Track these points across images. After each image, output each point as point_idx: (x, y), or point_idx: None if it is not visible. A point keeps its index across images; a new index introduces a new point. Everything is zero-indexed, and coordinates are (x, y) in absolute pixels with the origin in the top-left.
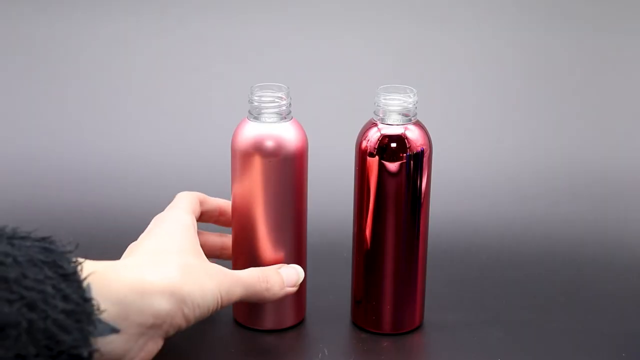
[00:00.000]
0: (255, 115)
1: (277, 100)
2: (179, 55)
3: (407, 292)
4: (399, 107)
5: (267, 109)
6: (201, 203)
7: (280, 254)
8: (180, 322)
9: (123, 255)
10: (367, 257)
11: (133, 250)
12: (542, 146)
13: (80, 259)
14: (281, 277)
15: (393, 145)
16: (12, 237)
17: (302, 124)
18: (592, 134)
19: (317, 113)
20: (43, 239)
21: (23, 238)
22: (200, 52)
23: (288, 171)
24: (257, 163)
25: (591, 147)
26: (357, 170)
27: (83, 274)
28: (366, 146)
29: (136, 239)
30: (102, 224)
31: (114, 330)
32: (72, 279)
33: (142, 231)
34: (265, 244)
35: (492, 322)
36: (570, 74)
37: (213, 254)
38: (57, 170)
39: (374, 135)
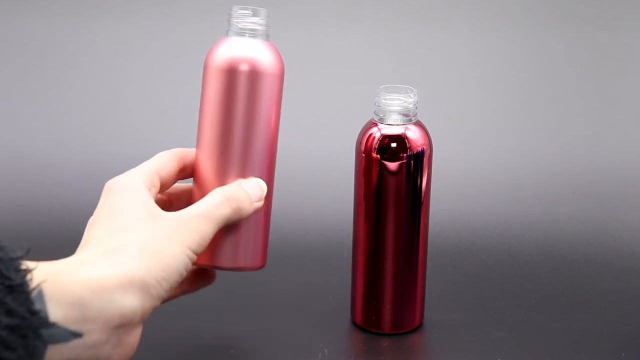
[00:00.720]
0: (235, 31)
1: (257, 23)
2: (179, 54)
3: (407, 292)
4: (400, 107)
5: (247, 28)
6: (181, 158)
7: (243, 172)
8: (152, 304)
9: (82, 241)
10: (367, 257)
11: (88, 240)
12: (542, 146)
13: (30, 265)
14: (247, 192)
15: (393, 145)
16: None
17: (302, 123)
18: (592, 134)
19: (317, 113)
20: None
21: None
22: (199, 51)
23: (262, 90)
24: (231, 79)
25: (591, 147)
26: (357, 170)
27: (33, 283)
28: (366, 146)
29: None
30: None
31: (76, 335)
32: (19, 290)
33: None
34: (233, 163)
35: (492, 322)
36: (570, 74)
37: (172, 182)
38: (57, 170)
39: (374, 135)
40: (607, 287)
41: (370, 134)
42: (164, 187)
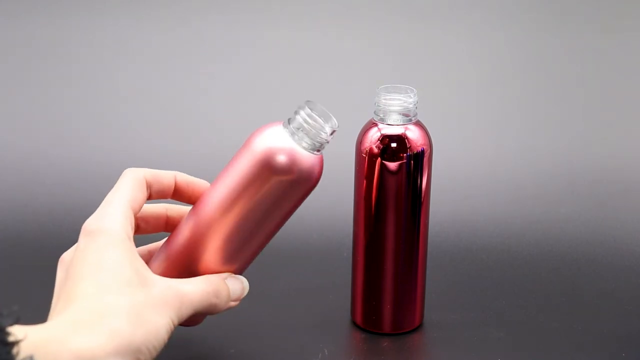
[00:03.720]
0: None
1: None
2: (178, 54)
3: (407, 292)
4: (400, 107)
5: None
6: (151, 184)
7: (229, 263)
8: None
9: (65, 288)
10: (367, 257)
11: (74, 293)
12: (542, 146)
13: (19, 335)
14: (228, 290)
15: (393, 145)
16: None
17: None
18: (592, 134)
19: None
20: None
21: None
22: (199, 51)
23: (294, 197)
24: (269, 178)
25: (591, 147)
26: (357, 170)
27: (20, 357)
28: (366, 146)
29: (135, 241)
30: None
31: None
32: None
33: None
34: (216, 250)
35: (492, 322)
36: (570, 74)
37: (158, 230)
38: (57, 170)
39: (374, 136)
40: (607, 287)
41: (371, 134)
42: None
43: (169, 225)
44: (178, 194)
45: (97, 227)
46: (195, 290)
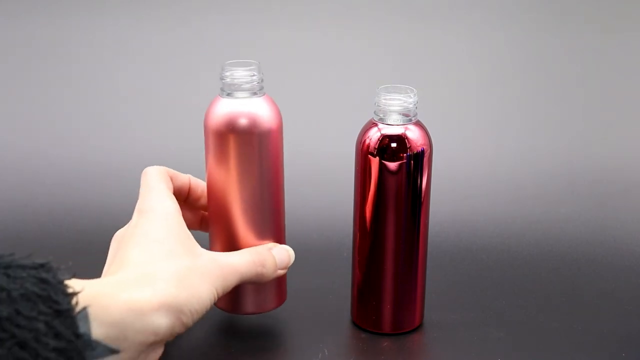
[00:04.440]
0: (227, 92)
1: (249, 76)
2: (178, 54)
3: (407, 292)
4: (400, 107)
5: (239, 85)
6: (171, 179)
7: (260, 233)
8: (180, 330)
9: (118, 255)
10: (367, 257)
11: (127, 258)
12: (542, 146)
13: (77, 287)
14: (274, 259)
15: (393, 145)
16: (8, 267)
17: (302, 123)
18: (592, 134)
19: (317, 113)
20: (41, 266)
21: (20, 267)
22: (199, 51)
23: (263, 148)
24: (231, 140)
25: (591, 147)
26: (357, 170)
27: (78, 307)
28: (366, 146)
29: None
30: (102, 224)
31: (114, 352)
32: (66, 314)
33: None
34: (243, 223)
35: (492, 322)
36: (570, 74)
37: (193, 228)
38: (57, 170)
39: (374, 135)
40: (607, 287)
41: (371, 134)
42: None
43: (190, 197)
44: (191, 195)
45: (149, 205)
46: (241, 261)
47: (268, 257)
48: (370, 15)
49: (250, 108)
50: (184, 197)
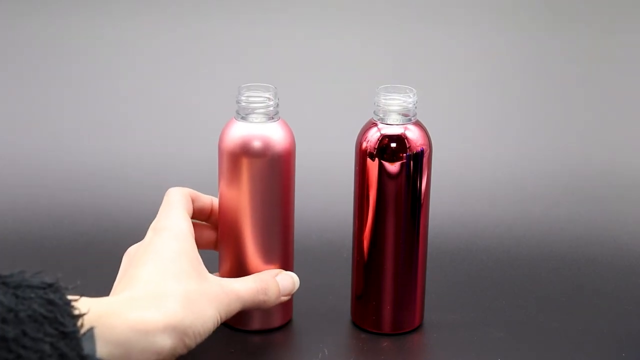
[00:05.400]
0: (242, 115)
1: (265, 100)
2: (179, 54)
3: (407, 292)
4: (399, 107)
5: (255, 109)
6: (192, 200)
7: (268, 257)
8: (182, 351)
9: (129, 272)
10: (367, 258)
11: (137, 276)
12: (542, 146)
13: (82, 308)
14: (277, 287)
15: (393, 145)
16: (18, 286)
17: (303, 123)
18: (591, 134)
19: (316, 113)
20: (49, 286)
21: (29, 287)
22: (199, 51)
23: (275, 172)
24: (244, 163)
25: (591, 147)
26: (357, 170)
27: (84, 328)
28: (366, 146)
29: (136, 241)
30: (102, 224)
31: None
32: (72, 336)
33: (141, 231)
34: (252, 246)
35: (492, 322)
36: (570, 74)
37: (208, 247)
38: (57, 170)
39: (373, 136)
40: (607, 287)
41: (370, 134)
42: None
43: (212, 217)
44: (212, 216)
45: (163, 225)
46: (245, 288)
47: (271, 285)
48: (370, 16)
49: (266, 132)
50: (205, 217)
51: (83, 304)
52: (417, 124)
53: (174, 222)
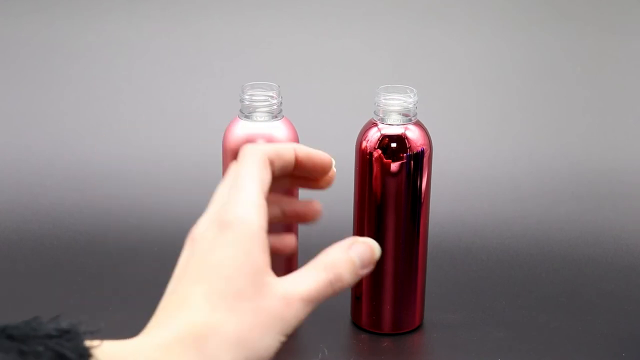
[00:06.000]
0: (246, 114)
1: (268, 99)
2: (181, 54)
3: (407, 292)
4: (399, 107)
5: (258, 107)
6: (273, 161)
7: (274, 256)
8: None
9: (181, 262)
10: None
11: (180, 300)
12: (542, 146)
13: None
14: (352, 263)
15: (393, 145)
16: (24, 339)
17: (303, 123)
18: (592, 135)
19: (316, 112)
20: (66, 333)
21: (38, 338)
22: (200, 51)
23: None
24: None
25: (591, 147)
26: (357, 170)
27: None
28: (366, 146)
29: (136, 241)
30: (102, 224)
31: None
32: None
33: (141, 231)
34: None
35: (492, 322)
36: (570, 74)
37: (286, 253)
38: (57, 170)
39: (374, 135)
40: (607, 287)
41: (370, 134)
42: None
43: (297, 170)
44: (298, 168)
45: (233, 217)
46: (314, 288)
47: (344, 266)
48: (371, 16)
49: (269, 131)
50: (289, 172)
51: (103, 354)
52: (418, 124)
53: (244, 214)
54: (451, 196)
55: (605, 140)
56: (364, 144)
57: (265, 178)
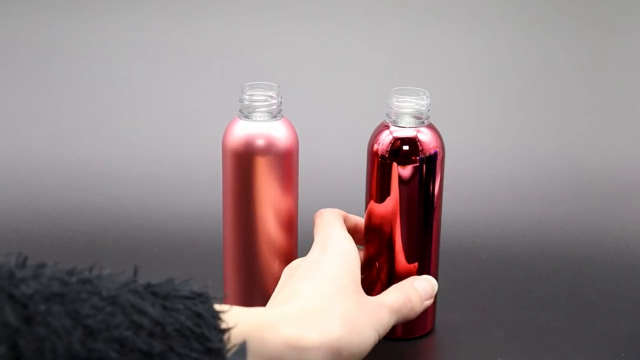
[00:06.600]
0: (246, 114)
1: (268, 99)
2: (180, 54)
3: None
4: (412, 110)
5: (258, 107)
6: (345, 219)
7: (272, 256)
8: None
9: (280, 283)
10: (376, 259)
11: (296, 290)
12: (542, 147)
13: (230, 323)
14: (419, 293)
15: (405, 148)
16: (166, 297)
17: (303, 123)
18: (592, 135)
19: (316, 112)
20: (198, 296)
21: (177, 297)
22: (200, 51)
23: (279, 171)
24: (248, 162)
25: (591, 147)
26: (368, 173)
27: (230, 343)
28: (377, 149)
29: (136, 241)
30: (102, 224)
31: None
32: (217, 352)
33: (141, 231)
34: (257, 245)
35: (492, 322)
36: (571, 74)
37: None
38: (57, 170)
39: (386, 138)
40: (607, 287)
41: (382, 137)
42: None
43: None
44: (357, 236)
45: (330, 243)
46: (395, 301)
47: (414, 293)
48: (370, 16)
49: (269, 131)
50: (354, 237)
51: (232, 317)
52: (430, 126)
53: (339, 242)
54: (451, 196)
55: (605, 140)
56: (375, 146)
57: (344, 226)
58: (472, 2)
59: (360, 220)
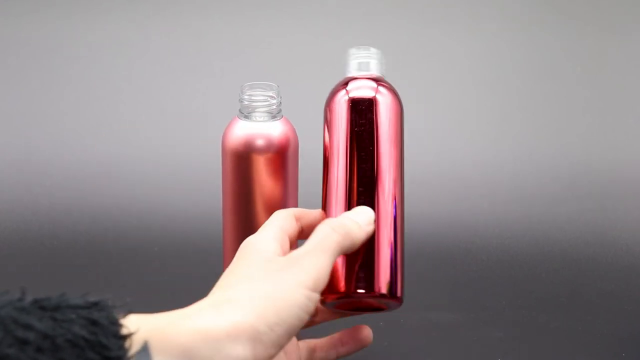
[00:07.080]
0: (245, 114)
1: (267, 99)
2: (180, 55)
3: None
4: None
5: (257, 107)
6: (300, 217)
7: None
8: (267, 352)
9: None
10: None
11: (217, 285)
12: (542, 146)
13: (132, 328)
14: (352, 219)
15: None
16: (56, 308)
17: (302, 123)
18: (592, 135)
19: (316, 112)
20: (94, 305)
21: (69, 307)
22: (200, 52)
23: (278, 170)
24: (248, 162)
25: (591, 147)
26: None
27: (134, 348)
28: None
29: (136, 241)
30: (102, 224)
31: None
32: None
33: (141, 231)
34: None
35: (492, 322)
36: (571, 74)
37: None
38: (57, 170)
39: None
40: (607, 287)
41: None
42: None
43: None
44: None
45: (247, 242)
46: (317, 240)
47: (343, 219)
48: (370, 16)
49: (269, 131)
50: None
51: (133, 322)
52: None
53: (259, 239)
54: (451, 196)
55: (605, 140)
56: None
57: (286, 224)
58: (472, 2)
59: (321, 214)
